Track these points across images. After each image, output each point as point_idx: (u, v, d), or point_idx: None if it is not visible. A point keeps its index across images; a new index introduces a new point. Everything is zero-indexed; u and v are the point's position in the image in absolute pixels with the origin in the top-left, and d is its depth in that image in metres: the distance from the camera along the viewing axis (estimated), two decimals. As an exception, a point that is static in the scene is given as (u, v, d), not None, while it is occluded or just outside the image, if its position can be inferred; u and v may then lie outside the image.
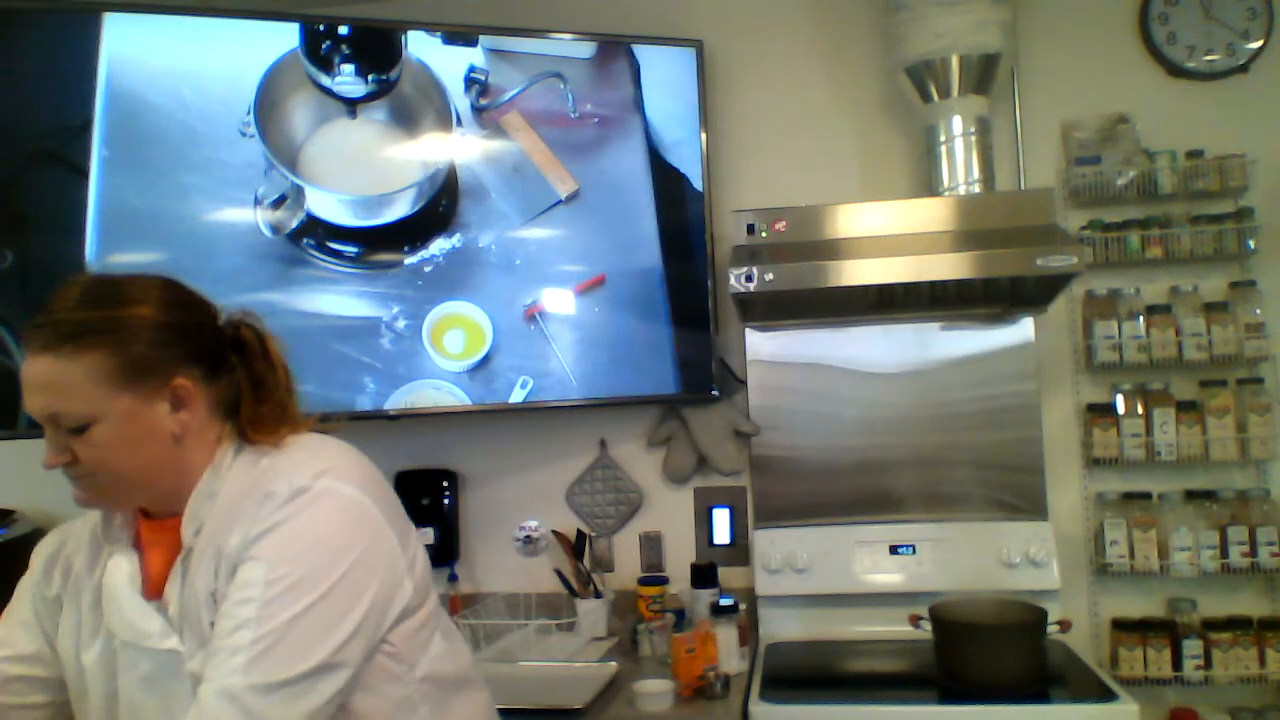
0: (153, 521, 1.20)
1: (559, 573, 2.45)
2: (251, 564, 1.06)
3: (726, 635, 2.10)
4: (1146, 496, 2.33)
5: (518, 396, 2.39)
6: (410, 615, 1.16)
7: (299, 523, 1.08)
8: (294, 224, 2.26)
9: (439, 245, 2.36)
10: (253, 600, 1.03)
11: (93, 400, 1.08)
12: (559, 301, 2.42)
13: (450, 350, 2.35)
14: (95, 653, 1.18)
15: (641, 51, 2.49)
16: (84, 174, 2.11)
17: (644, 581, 2.44)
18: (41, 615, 1.25)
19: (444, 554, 2.59)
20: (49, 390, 1.08)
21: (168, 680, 1.12)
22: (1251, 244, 2.31)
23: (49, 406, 1.08)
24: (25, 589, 1.27)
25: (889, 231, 2.20)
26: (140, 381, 1.10)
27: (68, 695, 1.23)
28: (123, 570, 1.18)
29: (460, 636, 1.32)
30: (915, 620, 2.07)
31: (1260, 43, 2.39)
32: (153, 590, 1.17)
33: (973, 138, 2.33)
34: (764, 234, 2.22)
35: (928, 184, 2.40)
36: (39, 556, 1.28)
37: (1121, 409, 2.35)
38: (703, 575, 2.36)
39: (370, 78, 2.31)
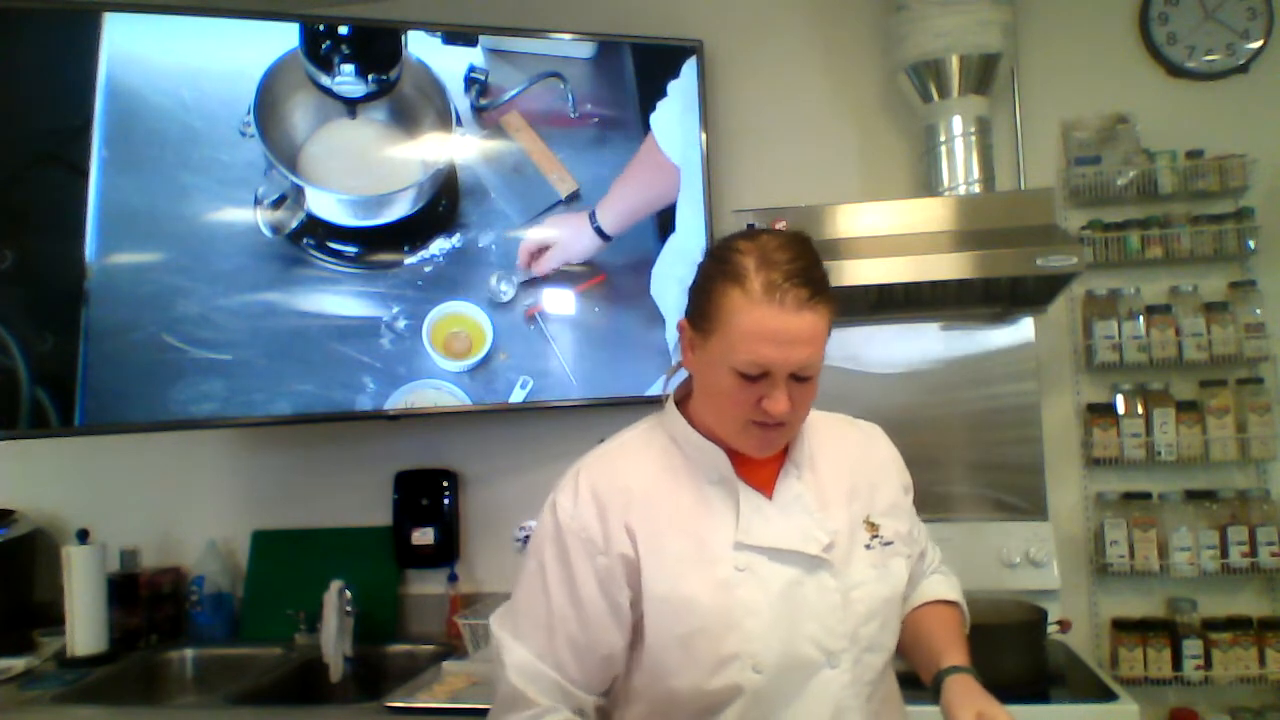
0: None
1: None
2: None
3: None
4: (1146, 496, 2.33)
5: (518, 396, 2.39)
6: None
7: None
8: (294, 224, 2.26)
9: (439, 245, 2.36)
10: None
11: (824, 345, 1.19)
12: (559, 301, 2.43)
13: (450, 350, 2.36)
14: None
15: (640, 51, 2.50)
16: (84, 174, 2.11)
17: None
18: None
19: (444, 554, 2.59)
20: (814, 342, 1.16)
21: None
22: (1251, 244, 2.31)
23: (811, 357, 1.16)
24: None
25: (889, 231, 2.19)
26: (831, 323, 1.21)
27: None
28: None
29: None
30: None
31: (1260, 43, 2.39)
32: None
33: (973, 138, 2.33)
34: (764, 234, 2.22)
35: (928, 184, 2.40)
36: None
37: (1121, 409, 2.35)
38: (703, 575, 2.35)
39: (370, 78, 2.31)
